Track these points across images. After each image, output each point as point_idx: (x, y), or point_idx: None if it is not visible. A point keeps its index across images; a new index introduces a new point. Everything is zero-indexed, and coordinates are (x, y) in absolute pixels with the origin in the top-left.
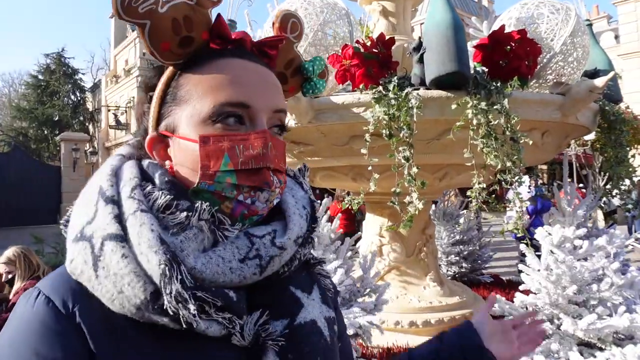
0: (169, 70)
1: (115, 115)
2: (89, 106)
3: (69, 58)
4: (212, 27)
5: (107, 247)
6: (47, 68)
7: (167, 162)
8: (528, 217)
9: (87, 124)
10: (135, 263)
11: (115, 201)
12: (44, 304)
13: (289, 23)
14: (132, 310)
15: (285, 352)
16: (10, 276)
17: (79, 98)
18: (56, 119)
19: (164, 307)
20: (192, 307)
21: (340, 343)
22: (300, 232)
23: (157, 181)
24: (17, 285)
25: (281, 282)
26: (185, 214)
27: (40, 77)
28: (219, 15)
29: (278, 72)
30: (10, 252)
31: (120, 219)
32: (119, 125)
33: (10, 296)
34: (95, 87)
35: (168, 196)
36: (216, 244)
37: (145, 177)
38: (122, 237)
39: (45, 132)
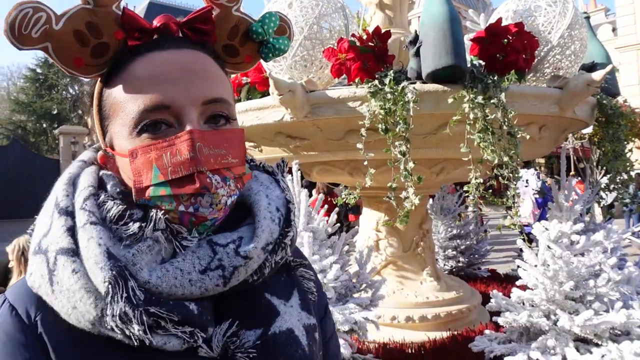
0: (98, 83)
1: None
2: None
3: None
4: (122, 24)
5: (60, 261)
6: (46, 61)
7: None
8: (538, 210)
9: (85, 117)
10: (86, 278)
11: (69, 212)
12: (8, 312)
13: None
14: (88, 326)
15: None
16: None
17: (77, 91)
18: (55, 112)
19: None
20: (136, 327)
21: (325, 349)
22: (270, 239)
23: (109, 191)
24: (12, 280)
25: (255, 289)
26: (138, 224)
27: (38, 70)
28: (123, 9)
29: (224, 46)
30: (12, 244)
31: (73, 231)
32: None
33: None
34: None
35: (120, 206)
36: (176, 254)
37: (102, 185)
38: (74, 251)
39: (44, 125)
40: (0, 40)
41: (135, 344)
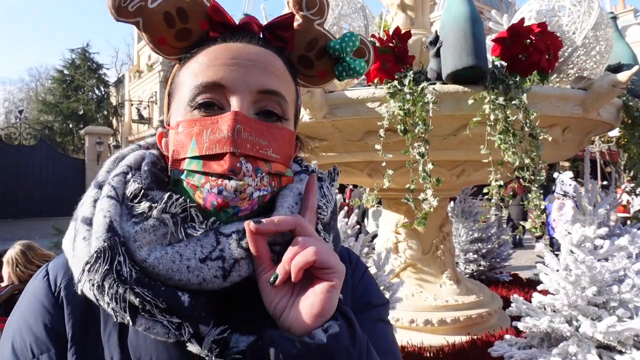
0: (176, 66)
1: (138, 110)
2: (113, 100)
3: (93, 53)
4: (209, 15)
5: (80, 228)
6: (72, 63)
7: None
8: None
9: (110, 118)
10: (89, 247)
11: (101, 185)
12: (42, 277)
13: None
14: (95, 291)
15: None
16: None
17: (103, 92)
18: (81, 113)
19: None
20: (106, 299)
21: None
22: (279, 239)
23: (141, 168)
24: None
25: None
26: (148, 204)
27: (65, 72)
28: (212, 2)
29: (300, 56)
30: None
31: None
32: (142, 120)
33: None
34: (119, 82)
35: (137, 185)
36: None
37: (140, 166)
38: (90, 221)
39: (70, 125)
40: (29, 42)
41: (115, 319)
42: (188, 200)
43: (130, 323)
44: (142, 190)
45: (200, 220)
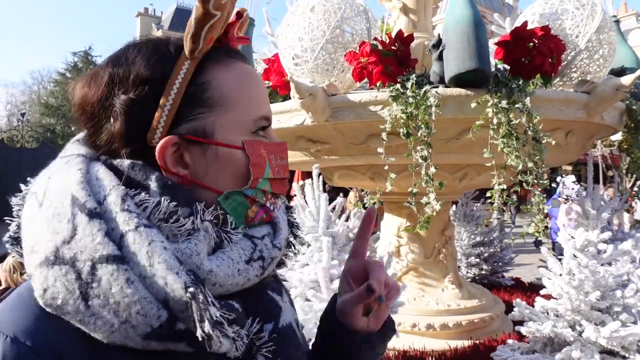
0: (188, 65)
1: None
2: None
3: (95, 56)
4: (226, 30)
5: (102, 271)
6: (75, 66)
7: (180, 170)
8: None
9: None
10: (144, 288)
11: (100, 215)
12: (15, 350)
13: None
14: (137, 340)
15: (275, 355)
16: None
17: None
18: None
19: (180, 332)
20: (230, 332)
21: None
22: (285, 235)
23: (153, 186)
24: None
25: (262, 287)
26: (191, 219)
27: (67, 74)
28: (237, 13)
29: None
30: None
31: (112, 236)
32: None
33: None
34: None
35: (172, 203)
36: (216, 248)
37: (128, 182)
38: (122, 259)
39: (73, 128)
40: (33, 44)
41: (208, 349)
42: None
43: (216, 345)
44: (178, 208)
45: (232, 226)
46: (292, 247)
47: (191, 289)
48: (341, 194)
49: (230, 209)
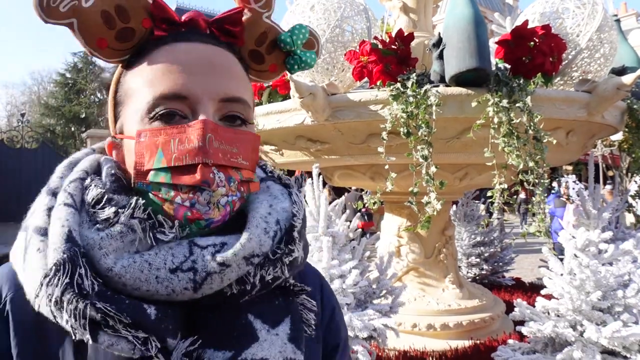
0: (118, 69)
1: None
2: None
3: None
4: (151, 12)
5: (32, 239)
6: (75, 66)
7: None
8: None
9: None
10: (45, 259)
11: (55, 193)
12: None
13: None
14: (50, 308)
15: None
16: None
17: (105, 96)
18: (83, 116)
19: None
20: (65, 316)
21: None
22: (257, 250)
23: (102, 174)
24: None
25: (237, 307)
26: (114, 209)
27: (67, 75)
28: None
29: (251, 51)
30: None
31: (50, 211)
32: None
33: None
34: None
35: (99, 190)
36: (152, 248)
37: (98, 171)
38: (44, 231)
39: (72, 129)
40: (32, 44)
41: (74, 337)
42: (152, 209)
43: (90, 341)
44: (105, 195)
45: (169, 225)
46: (279, 268)
47: (52, 268)
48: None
49: (151, 207)
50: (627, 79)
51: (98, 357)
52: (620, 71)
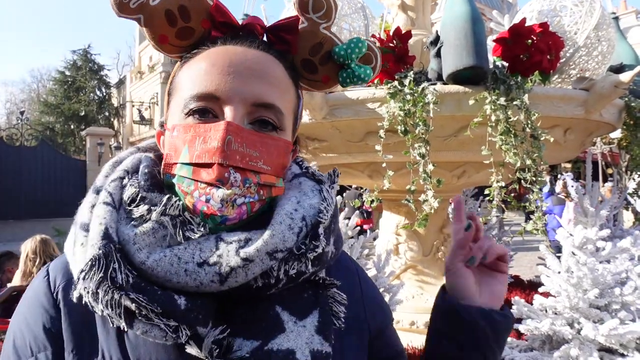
0: (177, 64)
1: (140, 111)
2: (114, 102)
3: (95, 54)
4: (211, 14)
5: (78, 233)
6: (74, 64)
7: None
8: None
9: (112, 119)
10: (86, 253)
11: (99, 190)
12: (43, 277)
13: (310, 1)
14: (88, 298)
15: None
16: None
17: (104, 94)
18: (82, 114)
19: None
20: (100, 306)
21: None
22: (281, 246)
23: (139, 172)
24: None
25: (266, 299)
26: (147, 207)
27: (67, 73)
28: (216, 2)
29: (303, 59)
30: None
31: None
32: (143, 121)
33: None
34: (121, 83)
35: (134, 189)
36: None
37: (138, 169)
38: (87, 227)
39: (72, 126)
40: (31, 43)
41: (112, 324)
42: (182, 204)
43: (126, 328)
44: (140, 194)
45: (197, 222)
46: (303, 263)
47: (88, 263)
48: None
49: (181, 202)
50: (625, 76)
51: (137, 340)
52: (618, 69)
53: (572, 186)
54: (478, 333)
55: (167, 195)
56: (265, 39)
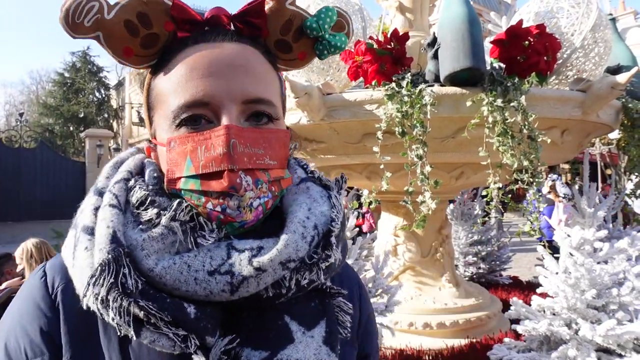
0: (148, 75)
1: (139, 113)
2: (113, 103)
3: (94, 56)
4: (172, 15)
5: (80, 237)
6: (73, 66)
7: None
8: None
9: (111, 121)
10: (92, 258)
11: (101, 193)
12: (39, 277)
13: None
14: (97, 305)
15: None
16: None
17: (103, 95)
18: (81, 115)
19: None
20: (111, 314)
21: None
22: (294, 255)
23: (145, 176)
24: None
25: (274, 309)
26: (156, 210)
27: (66, 74)
28: (175, 1)
29: (277, 41)
30: (19, 248)
31: (97, 211)
32: (142, 122)
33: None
34: (120, 84)
35: (144, 192)
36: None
37: (141, 171)
38: (91, 230)
39: (71, 128)
40: (31, 44)
41: (119, 333)
42: (194, 209)
43: (134, 337)
44: (149, 197)
45: (210, 228)
46: (315, 273)
47: (97, 268)
48: None
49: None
50: (622, 77)
51: (142, 350)
52: (615, 70)
53: (563, 187)
54: None
55: (178, 200)
56: (233, 28)
